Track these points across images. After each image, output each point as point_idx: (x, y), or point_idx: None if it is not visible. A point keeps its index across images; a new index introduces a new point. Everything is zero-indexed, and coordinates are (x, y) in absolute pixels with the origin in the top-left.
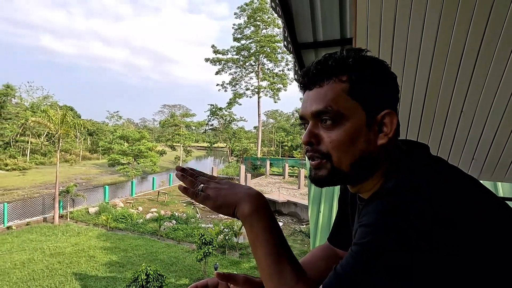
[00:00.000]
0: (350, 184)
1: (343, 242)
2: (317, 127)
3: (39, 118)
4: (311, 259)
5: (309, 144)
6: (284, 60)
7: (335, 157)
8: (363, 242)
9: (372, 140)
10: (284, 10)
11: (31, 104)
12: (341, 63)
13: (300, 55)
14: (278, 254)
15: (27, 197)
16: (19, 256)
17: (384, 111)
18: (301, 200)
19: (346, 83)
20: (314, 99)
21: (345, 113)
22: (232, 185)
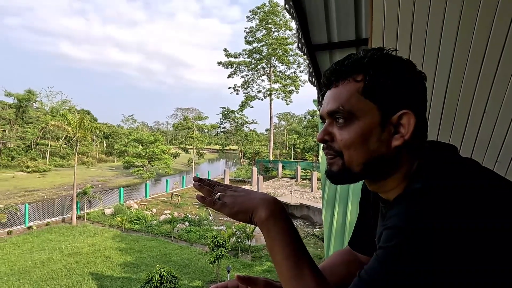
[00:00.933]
0: (365, 181)
1: (365, 247)
2: (332, 125)
3: (58, 122)
4: (331, 264)
5: (324, 141)
6: (296, 62)
7: (347, 156)
8: (388, 245)
9: (385, 141)
10: (298, 11)
11: (50, 109)
12: (357, 63)
13: (314, 56)
14: (297, 259)
15: (46, 198)
16: (39, 256)
17: (401, 112)
18: (314, 203)
19: (361, 83)
20: (330, 98)
21: (357, 113)
22: (248, 192)
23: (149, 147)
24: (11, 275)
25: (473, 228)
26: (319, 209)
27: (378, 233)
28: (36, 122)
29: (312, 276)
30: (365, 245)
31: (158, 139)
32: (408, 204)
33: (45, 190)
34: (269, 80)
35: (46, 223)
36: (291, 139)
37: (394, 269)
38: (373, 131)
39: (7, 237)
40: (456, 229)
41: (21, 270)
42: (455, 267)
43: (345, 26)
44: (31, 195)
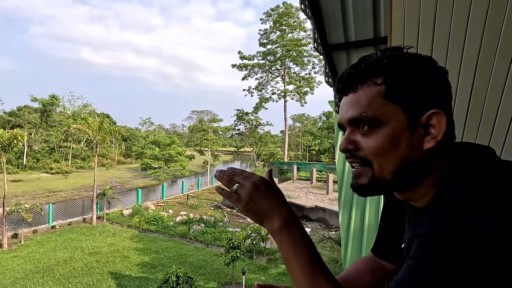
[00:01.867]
0: (396, 191)
1: (389, 254)
2: (355, 133)
3: (79, 125)
4: (355, 272)
5: (347, 151)
6: (310, 63)
7: (376, 165)
8: (421, 255)
9: (416, 145)
10: (314, 11)
11: (72, 112)
12: (375, 65)
13: (331, 57)
14: (313, 269)
15: (69, 199)
16: (62, 254)
17: (430, 112)
18: (330, 205)
19: (382, 86)
20: (349, 105)
21: (382, 118)
22: (265, 192)
23: (166, 149)
24: (36, 272)
25: (507, 238)
26: (335, 211)
27: (407, 240)
28: (59, 125)
29: (329, 285)
30: (390, 252)
31: (174, 142)
32: (443, 211)
33: (67, 191)
34: (283, 81)
35: (69, 223)
36: (306, 141)
37: (426, 280)
38: (402, 135)
39: (33, 235)
40: (495, 239)
41: (45, 268)
42: (490, 280)
43: (363, 24)
44: (55, 195)
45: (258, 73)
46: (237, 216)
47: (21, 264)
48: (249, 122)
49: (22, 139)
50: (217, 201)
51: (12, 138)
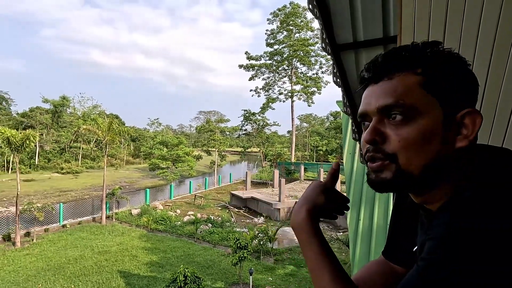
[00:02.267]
0: (417, 190)
1: (401, 257)
2: (382, 124)
3: (89, 126)
4: (365, 275)
5: (373, 142)
6: (317, 63)
7: (403, 158)
8: (432, 257)
9: (449, 142)
10: (322, 11)
11: (82, 113)
12: (416, 54)
13: (339, 57)
14: (326, 270)
15: (79, 198)
16: (72, 253)
17: (466, 110)
18: None
19: (421, 76)
20: (381, 92)
21: (420, 108)
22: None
23: (174, 150)
24: (47, 270)
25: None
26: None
27: (420, 243)
28: (69, 126)
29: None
30: (401, 256)
31: (182, 142)
32: (454, 212)
33: (78, 190)
34: (290, 81)
35: (79, 222)
36: (313, 141)
37: (435, 281)
38: (436, 129)
39: (44, 234)
40: (506, 240)
41: (56, 266)
42: (500, 280)
43: (372, 23)
44: (65, 195)
45: (265, 73)
46: (244, 217)
47: (33, 262)
48: (256, 122)
49: (34, 140)
50: (224, 201)
51: (25, 138)
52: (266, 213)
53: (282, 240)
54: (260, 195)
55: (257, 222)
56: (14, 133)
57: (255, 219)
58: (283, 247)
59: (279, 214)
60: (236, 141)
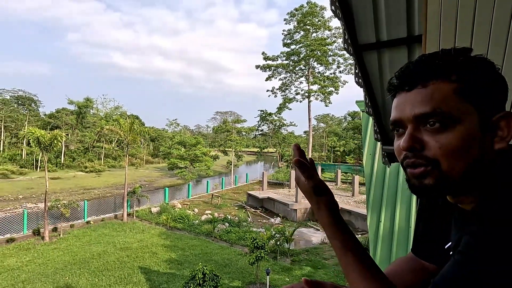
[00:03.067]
0: (459, 194)
1: (431, 254)
2: (419, 131)
3: (112, 126)
4: (394, 271)
5: (412, 149)
6: (335, 63)
7: (445, 164)
8: (469, 250)
9: (487, 145)
10: (343, 11)
11: (105, 114)
12: (449, 62)
13: (361, 57)
14: (358, 262)
15: (101, 196)
16: (96, 248)
17: (502, 113)
18: (356, 208)
19: (455, 83)
20: (416, 101)
21: (457, 115)
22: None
23: (191, 150)
24: (73, 264)
25: None
26: (361, 214)
27: (455, 240)
28: (92, 126)
29: (381, 279)
30: (432, 252)
31: (200, 142)
32: (493, 212)
33: (100, 188)
34: (307, 81)
35: (102, 219)
36: (330, 142)
37: (473, 273)
38: (475, 134)
39: (70, 229)
40: None
41: (81, 260)
42: None
43: (396, 23)
44: (89, 192)
45: (281, 73)
46: (261, 217)
47: (60, 256)
48: (272, 122)
49: (61, 140)
50: (241, 201)
51: (53, 138)
52: (283, 214)
53: (299, 241)
54: (277, 195)
55: (273, 222)
56: (43, 133)
57: (271, 219)
58: (300, 248)
59: (295, 214)
60: (253, 141)
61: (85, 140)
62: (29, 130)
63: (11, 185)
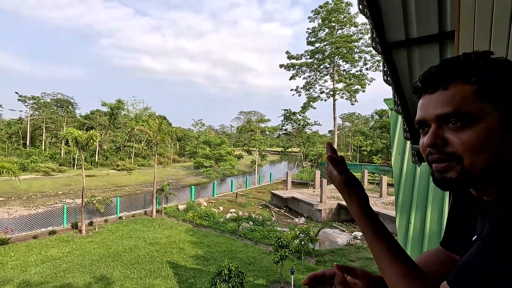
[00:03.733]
0: (481, 187)
1: (459, 246)
2: (442, 129)
3: (141, 126)
4: (425, 261)
5: (434, 146)
6: (362, 60)
7: (467, 159)
8: (491, 236)
9: (507, 142)
10: (372, 9)
11: (135, 115)
12: (469, 65)
13: (390, 55)
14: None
15: (132, 193)
16: (128, 242)
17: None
18: (383, 209)
19: (475, 85)
20: (438, 102)
21: (477, 115)
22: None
23: (216, 149)
24: (108, 256)
25: None
26: (389, 216)
27: (479, 230)
28: (123, 127)
29: (417, 270)
30: (460, 245)
31: (224, 141)
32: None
33: (131, 186)
34: (332, 80)
35: (133, 215)
36: (356, 141)
37: (494, 258)
38: (495, 132)
39: (104, 224)
40: None
41: (115, 253)
42: None
43: (426, 19)
44: (120, 190)
45: (306, 72)
46: (285, 216)
47: (96, 249)
48: (296, 122)
49: (96, 139)
50: (265, 200)
51: (89, 138)
52: (307, 214)
53: (324, 241)
54: (301, 195)
55: (298, 222)
56: (81, 133)
57: (295, 219)
58: (324, 248)
59: (320, 215)
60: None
61: (117, 140)
62: (68, 130)
63: (52, 181)
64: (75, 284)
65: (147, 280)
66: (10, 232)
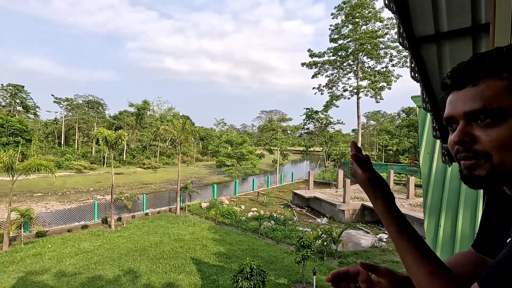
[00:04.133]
0: (510, 184)
1: (492, 249)
2: (470, 126)
3: (166, 126)
4: (455, 263)
5: (462, 143)
6: (387, 56)
7: (497, 157)
8: None
9: None
10: (398, 4)
11: (160, 115)
12: (501, 60)
13: (418, 50)
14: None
15: (157, 190)
16: (153, 238)
17: None
18: (411, 211)
19: (507, 81)
20: (467, 98)
21: (508, 111)
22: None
23: (238, 148)
24: (135, 251)
25: None
26: (417, 218)
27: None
28: (149, 127)
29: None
30: (493, 247)
31: (246, 141)
32: None
33: (156, 183)
34: (356, 77)
35: (158, 211)
36: (382, 140)
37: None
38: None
39: (131, 220)
40: None
41: (141, 248)
42: None
43: (458, 11)
44: (146, 187)
45: (328, 70)
46: (307, 216)
47: (124, 243)
48: (318, 121)
49: (124, 139)
50: (286, 199)
51: (118, 138)
52: (330, 214)
53: (347, 243)
54: (323, 195)
55: (320, 222)
56: (110, 133)
57: (318, 219)
58: (348, 250)
59: (343, 215)
60: (298, 140)
61: (143, 139)
62: (98, 130)
63: (84, 178)
64: (106, 276)
65: (172, 275)
66: (47, 225)
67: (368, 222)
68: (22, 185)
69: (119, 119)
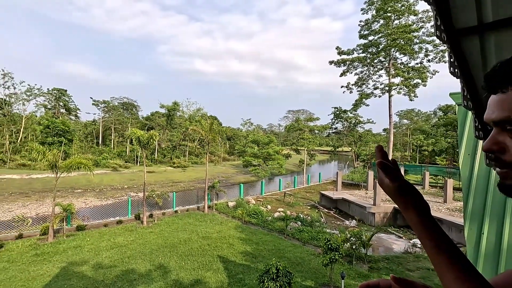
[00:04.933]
0: None
1: None
2: (502, 134)
3: (195, 126)
4: (504, 283)
5: (491, 151)
6: (422, 51)
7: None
8: None
9: None
10: None
11: (189, 116)
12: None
13: (458, 43)
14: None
15: (186, 189)
16: (182, 235)
17: None
18: (448, 216)
19: None
20: (496, 105)
21: None
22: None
23: (264, 148)
24: (165, 247)
25: None
26: (456, 224)
27: None
28: (179, 127)
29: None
30: None
31: (272, 141)
32: None
33: (185, 182)
34: (387, 74)
35: (187, 209)
36: (416, 140)
37: None
38: None
39: (162, 217)
40: None
41: (171, 244)
42: None
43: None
44: (176, 185)
45: (358, 67)
46: (334, 218)
47: (155, 239)
48: (347, 120)
49: (155, 139)
50: (313, 200)
51: (149, 138)
52: (359, 217)
53: (378, 247)
54: (352, 197)
55: (348, 225)
56: (143, 133)
57: (346, 222)
58: (378, 254)
59: (373, 218)
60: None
61: (173, 139)
62: (132, 130)
63: (119, 176)
64: (138, 270)
65: (200, 272)
66: (86, 220)
67: (400, 226)
68: (64, 182)
69: (151, 120)
